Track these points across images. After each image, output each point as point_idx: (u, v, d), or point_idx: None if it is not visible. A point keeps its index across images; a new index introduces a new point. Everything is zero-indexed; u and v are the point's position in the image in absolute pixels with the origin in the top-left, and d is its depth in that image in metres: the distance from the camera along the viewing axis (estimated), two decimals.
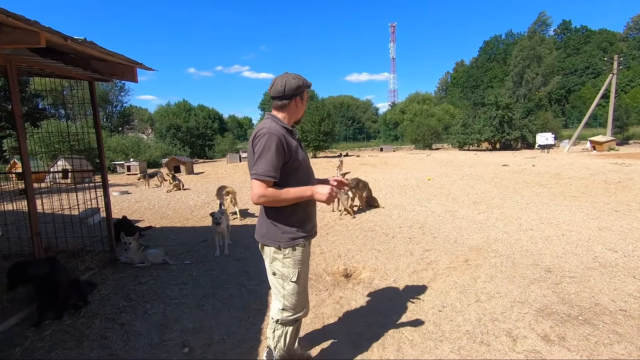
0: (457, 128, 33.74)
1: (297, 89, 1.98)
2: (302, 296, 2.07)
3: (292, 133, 2.03)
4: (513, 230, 5.32)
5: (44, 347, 2.62)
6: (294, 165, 1.94)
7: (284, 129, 1.95)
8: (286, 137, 1.92)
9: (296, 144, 2.01)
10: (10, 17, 2.37)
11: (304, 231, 2.02)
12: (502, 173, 12.20)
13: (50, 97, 24.01)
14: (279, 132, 1.88)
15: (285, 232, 1.98)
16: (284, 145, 1.88)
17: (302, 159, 2.01)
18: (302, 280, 2.06)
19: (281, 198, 1.87)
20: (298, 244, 2.00)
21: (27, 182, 3.33)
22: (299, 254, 2.01)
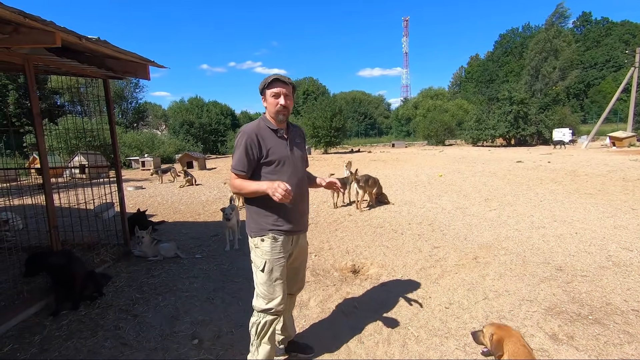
0: (471, 124, 33.15)
1: (260, 89, 2.11)
2: (272, 288, 2.09)
3: (276, 132, 2.09)
4: (524, 227, 5.25)
5: (61, 336, 2.73)
6: (269, 162, 2.04)
7: (266, 128, 2.07)
8: (261, 135, 2.03)
9: (278, 142, 2.07)
10: (28, 17, 2.45)
11: (274, 226, 2.07)
12: (516, 170, 11.99)
13: (68, 94, 24.58)
14: (252, 131, 2.02)
15: (256, 223, 2.10)
16: (255, 143, 2.00)
17: (282, 157, 2.06)
18: (273, 273, 2.08)
19: (243, 190, 2.02)
20: (265, 235, 2.07)
21: (45, 177, 3.45)
22: (267, 246, 2.07)
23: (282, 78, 2.05)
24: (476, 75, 64.32)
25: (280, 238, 2.08)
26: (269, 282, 2.08)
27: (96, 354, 2.50)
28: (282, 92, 2.04)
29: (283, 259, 2.11)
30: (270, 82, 2.04)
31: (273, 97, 2.04)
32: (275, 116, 2.08)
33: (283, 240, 2.09)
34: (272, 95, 2.04)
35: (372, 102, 61.36)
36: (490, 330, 1.92)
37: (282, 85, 2.04)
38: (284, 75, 2.07)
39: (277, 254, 2.08)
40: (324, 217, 6.40)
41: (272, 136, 2.08)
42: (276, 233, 2.07)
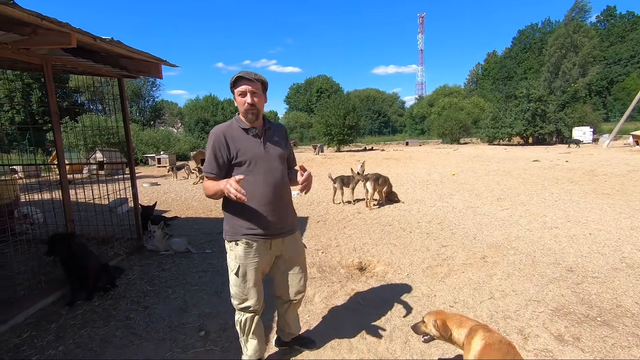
0: (487, 122, 32.52)
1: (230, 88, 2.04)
2: (245, 291, 2.07)
3: (248, 130, 2.02)
4: (536, 227, 5.16)
5: (76, 325, 2.86)
6: (240, 162, 1.98)
7: (237, 127, 2.02)
8: (230, 136, 1.98)
9: (249, 141, 2.00)
10: (45, 19, 2.55)
11: (248, 230, 2.01)
12: (532, 169, 11.74)
13: (87, 93, 25.24)
14: (219, 131, 1.99)
15: (230, 226, 2.05)
16: (223, 144, 1.96)
17: (253, 157, 1.99)
18: (247, 276, 2.05)
19: (208, 192, 1.96)
20: (239, 240, 2.02)
21: (61, 172, 3.59)
22: (241, 250, 2.03)
23: (246, 75, 1.94)
24: (493, 73, 63.01)
25: (254, 244, 2.03)
26: (242, 286, 2.06)
27: (108, 343, 2.61)
28: (248, 90, 1.95)
29: (257, 264, 2.06)
30: (235, 81, 1.96)
31: (240, 96, 1.96)
32: (245, 115, 2.00)
33: (258, 245, 2.03)
34: (238, 94, 1.97)
35: (386, 100, 60.91)
36: (431, 318, 2.08)
37: (247, 83, 1.95)
38: (250, 72, 1.97)
39: (251, 259, 2.04)
40: (333, 215, 6.43)
41: (242, 136, 2.01)
42: (250, 238, 2.01)
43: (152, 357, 2.43)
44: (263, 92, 2.02)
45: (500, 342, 1.81)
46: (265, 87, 2.04)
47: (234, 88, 1.98)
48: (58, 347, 2.56)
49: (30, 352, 2.50)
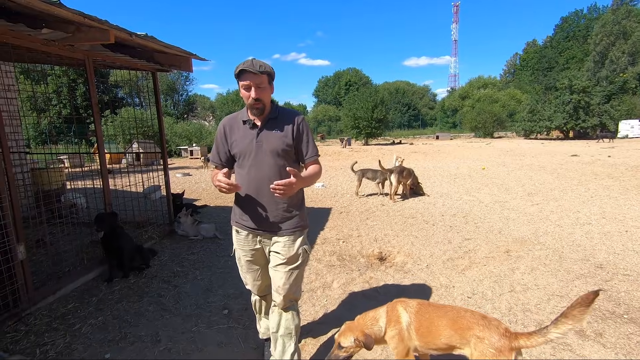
0: (524, 115, 31.02)
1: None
2: (242, 274, 2.17)
3: (246, 122, 1.94)
4: (568, 223, 4.96)
5: (113, 299, 3.12)
6: (234, 155, 1.99)
7: (239, 119, 1.98)
8: (230, 127, 1.98)
9: (244, 133, 1.93)
10: (87, 18, 2.77)
11: (240, 219, 2.04)
12: (569, 164, 11.16)
13: (126, 87, 26.46)
14: (224, 122, 2.02)
15: (233, 210, 2.11)
16: (222, 134, 2.00)
17: (242, 150, 1.93)
18: (240, 262, 2.13)
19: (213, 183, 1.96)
20: (232, 225, 2.11)
21: (101, 160, 3.88)
22: (234, 235, 2.11)
23: (250, 68, 1.77)
24: (532, 63, 59.75)
25: (242, 232, 2.05)
26: (239, 268, 2.17)
27: (141, 316, 2.84)
28: (253, 84, 1.81)
29: (246, 253, 2.07)
30: (238, 74, 1.81)
31: (244, 89, 1.84)
32: (250, 110, 1.91)
33: (244, 235, 2.05)
34: (242, 87, 1.85)
35: (416, 92, 59.55)
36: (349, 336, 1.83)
37: (251, 77, 1.79)
38: (255, 61, 1.81)
39: (241, 246, 2.08)
40: (356, 207, 6.49)
41: (241, 127, 1.96)
42: (238, 227, 2.06)
43: (180, 330, 2.63)
44: (269, 83, 1.88)
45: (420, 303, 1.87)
46: (272, 77, 1.90)
47: (238, 80, 1.84)
48: (98, 317, 2.82)
49: (74, 321, 2.78)
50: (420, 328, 1.78)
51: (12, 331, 2.61)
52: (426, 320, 1.79)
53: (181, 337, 2.54)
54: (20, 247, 2.75)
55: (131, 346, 2.44)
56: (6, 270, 2.65)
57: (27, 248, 2.85)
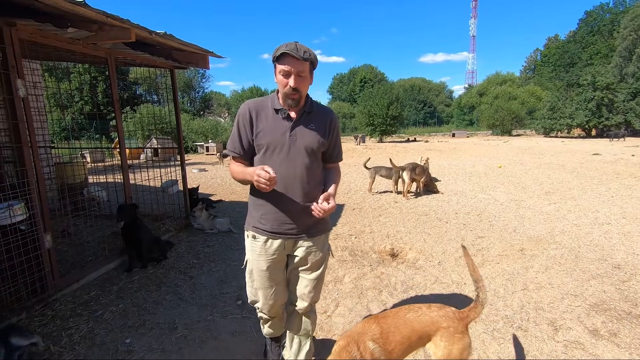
0: (544, 112, 30.19)
1: (272, 60, 1.68)
2: (253, 289, 1.89)
3: (278, 111, 1.72)
4: (585, 223, 4.86)
5: (133, 288, 3.25)
6: (258, 146, 1.73)
7: (268, 106, 1.74)
8: (257, 112, 1.71)
9: (276, 123, 1.70)
10: (109, 17, 2.88)
11: (259, 223, 1.78)
12: (590, 162, 10.85)
13: (145, 84, 27.03)
14: (246, 108, 1.73)
15: (249, 214, 1.86)
16: (247, 119, 1.71)
17: (272, 142, 1.69)
18: (252, 274, 1.86)
19: (235, 177, 1.76)
20: (248, 231, 1.83)
21: (122, 154, 4.02)
22: (249, 243, 1.83)
23: (294, 53, 1.55)
24: (554, 59, 57.96)
25: (260, 238, 1.78)
26: (250, 283, 1.90)
27: (159, 304, 2.96)
28: (293, 71, 1.59)
29: (263, 263, 1.80)
30: (278, 58, 1.60)
31: (282, 75, 1.62)
32: (284, 99, 1.68)
33: (264, 241, 1.78)
34: (281, 73, 1.62)
35: (432, 89, 58.71)
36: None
37: (293, 63, 1.58)
38: (300, 46, 1.59)
39: (257, 255, 1.80)
40: (369, 203, 6.50)
41: (270, 115, 1.71)
42: (256, 231, 1.79)
43: (196, 318, 2.73)
44: (310, 73, 1.68)
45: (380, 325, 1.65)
46: (314, 66, 1.69)
47: (277, 63, 1.62)
48: (118, 304, 2.95)
49: (96, 307, 2.92)
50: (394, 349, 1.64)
51: (40, 315, 2.76)
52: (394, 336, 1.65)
53: (197, 326, 2.63)
54: (47, 236, 2.90)
55: (150, 332, 2.55)
56: (34, 257, 2.80)
57: (53, 238, 3.00)
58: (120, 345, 2.41)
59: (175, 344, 2.41)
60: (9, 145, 2.91)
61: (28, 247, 2.75)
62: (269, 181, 1.52)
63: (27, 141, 2.75)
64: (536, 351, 2.28)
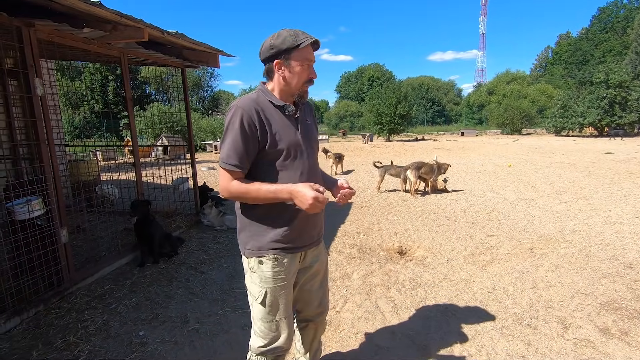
0: (555, 110, 29.72)
1: (271, 49, 1.44)
2: (274, 325, 1.56)
3: (284, 109, 1.49)
4: (597, 222, 4.80)
5: (145, 282, 3.32)
6: (273, 153, 1.44)
7: (268, 103, 1.47)
8: (263, 114, 1.43)
9: (285, 123, 1.48)
10: (123, 17, 2.95)
11: (280, 241, 1.49)
12: (602, 161, 10.69)
13: (154, 83, 27.30)
14: (250, 107, 1.41)
15: (253, 236, 1.51)
16: (255, 124, 1.40)
17: (290, 146, 1.45)
18: (274, 305, 1.53)
19: (249, 197, 1.42)
20: (265, 256, 1.49)
21: (135, 152, 4.10)
22: (268, 270, 1.50)
23: (319, 42, 1.45)
24: (566, 56, 57.02)
25: (285, 259, 1.52)
26: (270, 317, 1.55)
27: (171, 299, 3.02)
28: (313, 63, 1.48)
29: (288, 286, 1.56)
30: (307, 45, 1.42)
31: (304, 65, 1.44)
32: (300, 96, 1.50)
33: (288, 260, 1.53)
34: (304, 62, 1.43)
35: (441, 87, 58.27)
36: None
37: (313, 54, 1.48)
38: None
39: (281, 280, 1.52)
40: (377, 202, 6.51)
41: (277, 114, 1.47)
42: (279, 252, 1.50)
43: (207, 312, 2.78)
44: None
45: None
46: None
47: (297, 53, 1.42)
48: (132, 298, 3.02)
49: (110, 301, 2.99)
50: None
51: (57, 307, 2.84)
52: None
53: (208, 320, 2.68)
54: (64, 231, 2.98)
55: (162, 325, 2.61)
56: (51, 252, 2.88)
57: (68, 233, 3.08)
58: (134, 337, 2.48)
59: (188, 337, 2.47)
60: (26, 142, 3.00)
61: (45, 242, 2.83)
62: (326, 201, 1.33)
63: (44, 138, 2.83)
64: (545, 349, 2.28)
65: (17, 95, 4.12)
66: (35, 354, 2.30)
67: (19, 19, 2.66)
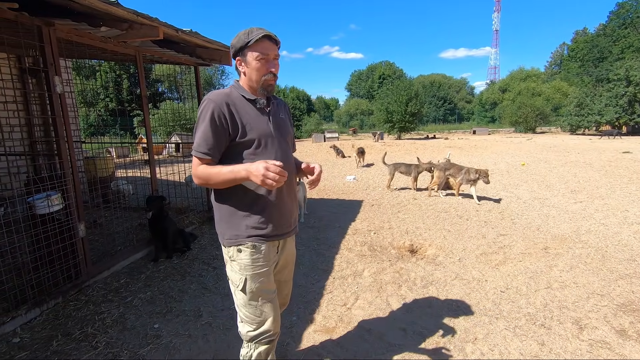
0: (570, 109, 29.07)
1: (232, 49, 1.56)
2: (258, 310, 1.60)
3: (255, 102, 1.56)
4: (614, 223, 4.70)
5: (159, 277, 3.39)
6: (244, 142, 1.51)
7: (240, 97, 1.55)
8: (234, 107, 1.51)
9: (257, 115, 1.55)
10: (139, 16, 3.00)
11: (257, 228, 1.55)
12: (619, 161, 10.43)
13: (167, 82, 27.65)
14: (221, 100, 1.49)
15: (230, 226, 1.57)
16: (225, 115, 1.48)
17: (262, 135, 1.53)
18: (255, 291, 1.58)
19: (212, 180, 1.48)
20: (243, 244, 1.55)
21: (149, 149, 4.17)
22: (247, 257, 1.55)
23: (274, 36, 1.50)
24: (582, 53, 55.63)
25: (263, 246, 1.57)
26: (253, 303, 1.60)
27: (184, 293, 3.07)
28: (272, 56, 1.52)
29: (268, 272, 1.62)
30: (258, 40, 1.47)
31: (260, 60, 1.50)
32: (263, 88, 1.55)
33: (266, 248, 1.59)
34: (258, 58, 1.49)
35: (453, 85, 57.58)
36: None
37: (271, 47, 1.51)
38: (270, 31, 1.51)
39: (260, 267, 1.58)
40: (387, 200, 6.48)
41: (249, 107, 1.55)
42: (257, 240, 1.56)
43: (220, 307, 2.82)
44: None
45: None
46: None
47: (251, 49, 1.49)
48: (146, 292, 3.09)
49: (126, 294, 3.06)
50: None
51: (75, 300, 2.92)
52: None
53: (221, 314, 2.73)
54: (81, 225, 3.06)
55: (176, 319, 2.66)
56: (69, 245, 2.96)
57: (85, 227, 3.16)
58: (149, 329, 2.53)
59: (201, 330, 2.51)
60: (45, 139, 3.09)
61: (64, 236, 2.91)
62: (282, 173, 1.35)
63: (63, 135, 2.90)
64: (560, 349, 2.25)
65: (37, 93, 4.24)
66: (55, 344, 2.37)
67: (40, 19, 2.73)
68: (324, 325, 2.58)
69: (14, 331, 2.50)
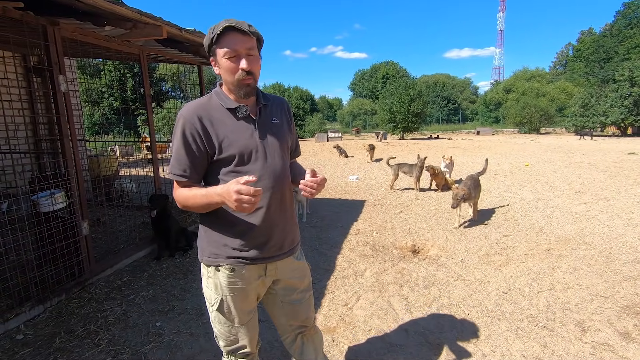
0: (575, 109, 28.90)
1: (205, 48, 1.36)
2: (231, 330, 1.47)
3: (235, 110, 1.35)
4: (618, 224, 4.66)
5: (162, 275, 3.40)
6: (226, 159, 1.32)
7: (219, 107, 1.35)
8: (209, 120, 1.31)
9: (238, 126, 1.34)
10: (143, 15, 3.01)
11: (238, 250, 1.37)
12: (625, 162, 10.35)
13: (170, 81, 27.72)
14: (192, 115, 1.29)
15: (210, 243, 1.41)
16: (198, 132, 1.29)
17: (245, 149, 1.32)
18: (233, 312, 1.44)
19: (191, 204, 1.31)
20: (220, 264, 1.39)
21: (153, 147, 4.19)
22: (224, 278, 1.39)
23: (238, 26, 1.23)
24: (587, 53, 55.26)
25: (243, 270, 1.39)
26: (227, 323, 1.46)
27: (186, 291, 3.08)
28: (243, 50, 1.26)
29: (246, 294, 1.44)
30: (220, 35, 1.25)
31: (228, 58, 1.27)
32: (237, 89, 1.32)
33: (247, 272, 1.40)
34: (226, 56, 1.27)
35: (456, 85, 57.41)
36: None
37: (239, 41, 1.25)
38: (241, 21, 1.26)
39: (239, 290, 1.42)
40: (390, 200, 6.47)
41: (227, 118, 1.34)
42: (237, 263, 1.38)
43: None
44: (259, 51, 1.37)
45: None
46: (261, 44, 1.37)
47: (218, 46, 1.27)
48: (149, 290, 3.10)
49: (128, 292, 3.07)
50: None
51: (78, 297, 2.94)
52: None
53: None
54: (85, 223, 3.08)
55: (178, 317, 2.67)
56: (73, 243, 2.98)
57: (89, 225, 3.18)
58: (152, 327, 2.54)
59: (203, 329, 2.52)
60: (49, 137, 3.11)
61: (67, 234, 2.93)
62: (255, 195, 1.12)
63: (67, 134, 2.92)
64: (562, 351, 2.24)
65: (41, 92, 4.27)
66: (58, 341, 2.39)
67: (45, 18, 2.75)
68: (326, 325, 2.58)
69: (17, 328, 2.53)
